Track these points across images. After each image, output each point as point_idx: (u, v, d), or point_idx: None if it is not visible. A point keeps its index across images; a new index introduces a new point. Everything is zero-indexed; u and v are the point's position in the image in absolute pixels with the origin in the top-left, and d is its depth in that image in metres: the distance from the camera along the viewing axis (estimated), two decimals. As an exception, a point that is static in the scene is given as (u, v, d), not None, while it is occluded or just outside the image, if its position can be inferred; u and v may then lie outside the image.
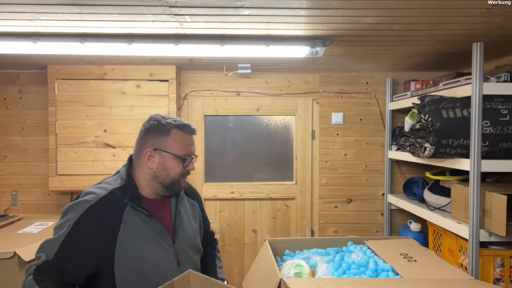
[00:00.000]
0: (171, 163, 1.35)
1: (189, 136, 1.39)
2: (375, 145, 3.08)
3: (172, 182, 1.37)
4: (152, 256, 1.30)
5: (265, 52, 2.16)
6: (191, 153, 1.38)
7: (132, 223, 1.29)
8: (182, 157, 1.35)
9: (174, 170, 1.36)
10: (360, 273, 1.28)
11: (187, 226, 1.44)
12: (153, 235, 1.32)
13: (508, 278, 1.87)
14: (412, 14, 1.68)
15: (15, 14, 1.71)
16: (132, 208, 1.30)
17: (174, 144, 1.35)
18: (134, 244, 1.28)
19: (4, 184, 2.98)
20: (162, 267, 1.31)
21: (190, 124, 1.41)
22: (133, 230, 1.29)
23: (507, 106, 1.91)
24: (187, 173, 1.40)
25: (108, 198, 1.29)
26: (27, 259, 1.78)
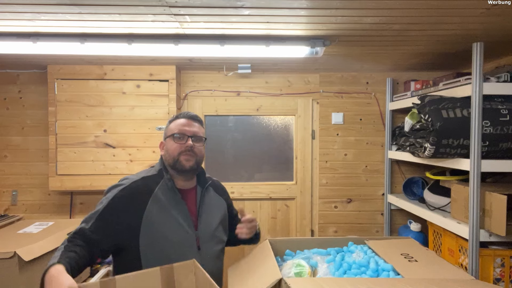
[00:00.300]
0: (169, 144, 1.55)
1: (183, 119, 1.57)
2: (375, 145, 3.08)
3: (173, 160, 1.52)
4: (174, 236, 1.44)
5: (265, 52, 2.16)
6: (183, 131, 1.53)
7: (160, 202, 1.46)
8: (174, 135, 1.53)
9: (171, 148, 1.53)
10: (361, 273, 1.28)
11: (209, 217, 1.57)
12: (177, 216, 1.47)
13: (508, 278, 1.88)
14: (412, 14, 1.68)
15: (15, 14, 1.71)
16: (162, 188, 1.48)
17: (171, 128, 1.57)
18: (158, 221, 1.44)
19: (4, 184, 2.98)
20: (183, 248, 1.45)
21: (188, 111, 1.61)
22: (159, 209, 1.45)
23: (507, 106, 1.91)
24: (186, 150, 1.51)
25: (139, 183, 1.50)
26: (27, 259, 1.77)
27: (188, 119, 1.58)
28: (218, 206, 1.65)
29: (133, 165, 2.81)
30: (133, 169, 2.81)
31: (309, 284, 1.14)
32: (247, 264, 1.47)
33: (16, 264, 1.76)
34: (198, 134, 1.57)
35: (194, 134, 1.55)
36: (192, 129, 1.56)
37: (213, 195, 1.66)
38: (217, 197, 1.67)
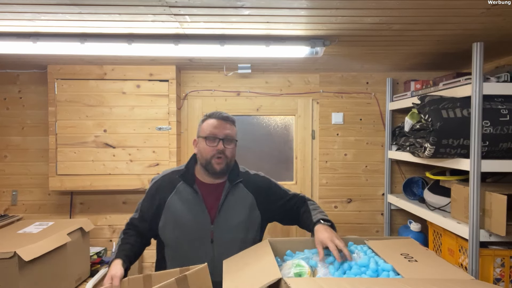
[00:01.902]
0: (201, 145, 1.63)
1: (216, 120, 1.63)
2: (375, 145, 3.08)
3: (206, 162, 1.61)
4: (188, 226, 1.59)
5: (265, 52, 2.16)
6: (215, 134, 1.60)
7: (181, 195, 1.62)
8: (205, 137, 1.60)
9: (204, 150, 1.62)
10: (361, 273, 1.28)
11: (231, 214, 1.63)
12: (194, 210, 1.60)
13: (508, 278, 1.88)
14: (412, 14, 1.69)
15: (15, 14, 1.71)
16: (184, 184, 1.63)
17: (203, 128, 1.64)
18: (177, 211, 1.60)
19: (4, 184, 2.98)
20: (195, 239, 1.58)
21: (221, 112, 1.66)
22: (180, 200, 1.61)
23: (507, 106, 1.91)
24: (218, 153, 1.59)
25: (168, 176, 1.69)
26: (27, 259, 1.77)
27: (220, 120, 1.62)
28: (244, 204, 1.66)
29: (133, 165, 2.81)
30: (133, 169, 2.81)
31: (309, 284, 1.14)
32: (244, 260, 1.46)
33: (16, 264, 1.75)
34: (229, 136, 1.62)
35: (225, 136, 1.61)
36: (224, 131, 1.61)
37: (241, 191, 1.68)
38: (246, 194, 1.68)
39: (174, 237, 1.61)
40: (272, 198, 1.75)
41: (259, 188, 1.73)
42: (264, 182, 1.77)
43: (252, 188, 1.71)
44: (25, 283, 1.80)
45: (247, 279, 1.26)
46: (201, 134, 1.64)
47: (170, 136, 2.83)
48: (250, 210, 1.68)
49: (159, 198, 1.65)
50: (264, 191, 1.74)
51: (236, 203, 1.65)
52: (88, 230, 2.36)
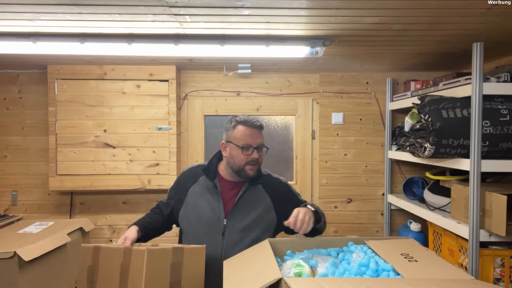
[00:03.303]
0: (235, 152, 1.67)
1: (250, 129, 1.66)
2: (375, 145, 3.08)
3: (238, 168, 1.67)
4: (204, 216, 1.67)
5: (265, 52, 2.16)
6: (251, 144, 1.65)
7: (201, 188, 1.72)
8: (241, 146, 1.65)
9: (238, 157, 1.66)
10: (361, 273, 1.27)
11: (245, 211, 1.68)
12: (211, 202, 1.68)
13: (508, 278, 1.88)
14: (412, 14, 1.68)
15: (15, 14, 1.71)
16: (205, 177, 1.72)
17: (237, 136, 1.66)
18: (196, 201, 1.70)
19: (4, 184, 2.98)
20: (208, 230, 1.66)
21: (254, 119, 1.69)
22: (200, 192, 1.71)
23: (507, 106, 1.91)
24: (251, 161, 1.65)
25: (194, 168, 1.80)
26: (27, 259, 1.77)
27: (255, 129, 1.68)
28: (260, 203, 1.71)
29: (133, 165, 2.81)
30: (133, 169, 2.81)
31: (309, 284, 1.14)
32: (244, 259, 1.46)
33: (16, 264, 1.76)
34: (262, 144, 1.70)
35: (259, 145, 1.68)
36: (258, 140, 1.68)
37: (259, 191, 1.73)
38: (263, 194, 1.73)
39: (190, 224, 1.69)
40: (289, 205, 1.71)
41: (278, 193, 1.76)
42: (285, 187, 1.81)
43: (271, 191, 1.75)
44: (25, 283, 1.80)
45: (247, 279, 1.26)
46: (234, 142, 1.67)
47: (170, 136, 2.83)
48: (265, 212, 1.71)
49: (183, 188, 1.75)
50: (283, 196, 1.76)
51: (252, 202, 1.70)
52: (88, 230, 2.37)
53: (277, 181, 1.81)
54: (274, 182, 1.80)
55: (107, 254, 1.41)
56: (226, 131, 1.72)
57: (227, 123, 1.74)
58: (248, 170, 1.67)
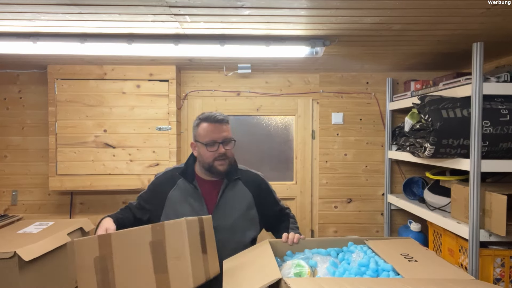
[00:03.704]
0: (202, 150, 1.66)
1: (212, 125, 1.65)
2: (375, 145, 3.08)
3: (208, 165, 1.66)
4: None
5: (265, 52, 2.16)
6: (215, 139, 1.63)
7: (181, 191, 1.68)
8: (206, 144, 1.63)
9: (205, 155, 1.65)
10: (361, 273, 1.28)
11: (229, 209, 1.67)
12: (193, 205, 1.66)
13: (508, 278, 1.88)
14: (412, 14, 1.68)
15: (15, 14, 1.71)
16: (184, 180, 1.69)
17: (201, 133, 1.66)
18: (177, 205, 1.66)
19: (4, 184, 2.98)
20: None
21: (216, 114, 1.67)
22: (180, 195, 1.67)
23: (507, 106, 1.91)
24: (219, 156, 1.64)
25: (171, 172, 1.76)
26: (27, 259, 1.77)
27: (217, 124, 1.65)
28: (242, 199, 1.71)
29: (133, 165, 2.81)
30: (133, 169, 2.81)
31: (309, 284, 1.14)
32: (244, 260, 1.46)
33: (16, 264, 1.76)
34: (227, 137, 1.66)
35: (224, 139, 1.65)
36: (222, 134, 1.65)
37: (239, 187, 1.73)
38: (243, 190, 1.73)
39: None
40: (268, 201, 1.80)
41: (258, 188, 1.78)
42: (264, 184, 1.83)
43: (252, 186, 1.75)
44: (25, 283, 1.80)
45: (247, 279, 1.26)
46: (199, 140, 1.67)
47: (170, 136, 2.83)
48: (248, 207, 1.72)
49: (161, 192, 1.70)
50: (263, 191, 1.79)
51: (234, 198, 1.70)
52: (88, 230, 2.37)
53: (256, 176, 1.82)
54: (253, 177, 1.80)
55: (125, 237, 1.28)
56: (193, 130, 1.72)
57: (194, 121, 1.73)
58: (218, 166, 1.65)
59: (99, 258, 1.27)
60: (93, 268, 1.27)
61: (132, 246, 1.28)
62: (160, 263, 1.25)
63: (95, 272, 1.27)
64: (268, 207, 1.80)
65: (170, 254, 1.25)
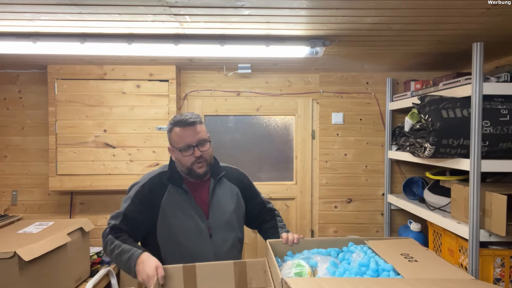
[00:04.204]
0: (178, 155, 1.62)
1: (184, 129, 1.59)
2: (375, 145, 3.08)
3: (187, 169, 1.62)
4: (186, 226, 1.59)
5: (265, 52, 2.16)
6: (189, 143, 1.58)
7: (173, 197, 1.62)
8: (180, 149, 1.59)
9: (182, 160, 1.61)
10: (361, 273, 1.28)
11: (222, 206, 1.67)
12: (188, 209, 1.61)
13: (508, 278, 1.88)
14: (412, 14, 1.69)
15: (15, 14, 1.71)
16: (173, 186, 1.63)
17: (174, 139, 1.62)
18: (172, 213, 1.60)
19: (4, 184, 2.98)
20: (194, 237, 1.59)
21: (186, 117, 1.60)
22: (173, 202, 1.61)
23: (507, 106, 1.91)
24: (197, 160, 1.59)
25: (155, 178, 1.66)
26: (27, 259, 1.77)
27: (188, 127, 1.59)
28: (231, 195, 1.73)
29: (133, 165, 2.81)
30: (133, 169, 2.81)
31: (309, 284, 1.14)
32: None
33: (16, 264, 1.75)
34: (202, 139, 1.61)
35: (198, 141, 1.60)
36: (196, 136, 1.59)
37: (226, 184, 1.73)
38: (230, 185, 1.74)
39: (173, 237, 1.59)
40: (249, 193, 1.82)
41: (240, 181, 1.80)
42: (244, 176, 1.85)
43: (234, 180, 1.78)
44: (25, 283, 1.80)
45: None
46: (174, 145, 1.62)
47: (170, 136, 2.83)
48: (238, 202, 1.74)
49: (151, 202, 1.61)
50: (246, 185, 1.82)
51: (224, 195, 1.71)
52: (88, 230, 2.36)
53: (238, 172, 1.84)
54: (235, 172, 1.82)
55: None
56: (167, 135, 1.66)
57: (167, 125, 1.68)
58: (197, 169, 1.61)
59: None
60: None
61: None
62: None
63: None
64: (251, 200, 1.81)
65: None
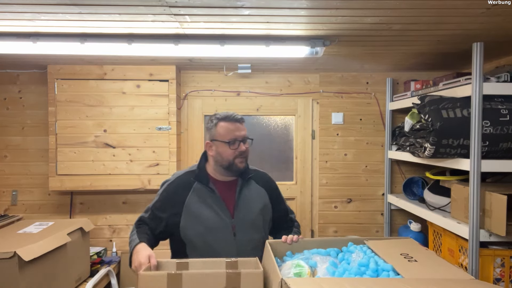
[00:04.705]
0: (222, 148, 1.67)
1: (232, 124, 1.68)
2: (375, 145, 3.08)
3: (228, 163, 1.68)
4: (210, 222, 1.64)
5: (265, 52, 2.16)
6: (236, 137, 1.67)
7: (198, 195, 1.68)
8: (227, 141, 1.66)
9: (225, 153, 1.67)
10: (361, 273, 1.27)
11: (248, 206, 1.71)
12: (213, 206, 1.67)
13: (508, 278, 1.88)
14: (412, 14, 1.68)
15: (15, 14, 1.71)
16: (199, 184, 1.69)
17: (221, 132, 1.68)
18: (197, 209, 1.66)
19: (4, 184, 2.98)
20: (219, 234, 1.64)
21: (234, 114, 1.71)
22: (198, 199, 1.67)
23: (507, 106, 1.91)
24: (240, 154, 1.67)
25: (182, 177, 1.74)
26: (27, 259, 1.77)
27: (237, 123, 1.69)
28: (258, 196, 1.76)
29: (133, 165, 2.81)
30: (133, 169, 2.81)
31: (309, 284, 1.14)
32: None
33: (16, 264, 1.75)
34: (246, 137, 1.71)
35: (243, 137, 1.69)
36: (242, 133, 1.70)
37: (253, 186, 1.77)
38: (258, 188, 1.78)
39: (198, 234, 1.64)
40: (275, 198, 1.84)
41: (268, 185, 1.83)
42: (272, 181, 1.89)
43: (264, 184, 1.81)
44: (25, 283, 1.80)
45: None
46: (219, 138, 1.68)
47: (170, 136, 2.83)
48: (264, 205, 1.77)
49: (176, 199, 1.68)
50: (274, 189, 1.85)
51: (251, 196, 1.74)
52: (88, 230, 2.37)
53: (266, 175, 1.88)
54: (264, 176, 1.86)
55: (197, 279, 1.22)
56: (209, 130, 1.73)
57: (207, 122, 1.75)
58: (238, 163, 1.68)
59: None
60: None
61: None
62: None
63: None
64: (276, 205, 1.83)
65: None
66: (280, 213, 1.85)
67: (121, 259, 2.87)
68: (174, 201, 1.68)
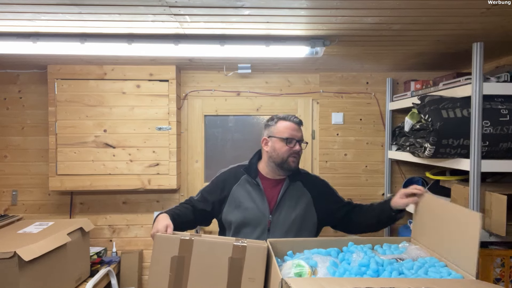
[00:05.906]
0: (278, 145, 1.76)
1: (292, 124, 1.79)
2: (375, 145, 3.08)
3: (281, 160, 1.76)
4: (248, 213, 1.74)
5: (265, 52, 2.16)
6: (294, 136, 1.76)
7: (243, 186, 1.80)
8: (285, 138, 1.75)
9: (281, 150, 1.75)
10: (361, 273, 1.27)
11: (289, 207, 1.77)
12: (256, 199, 1.76)
13: (508, 278, 1.88)
14: (412, 14, 1.69)
15: (15, 14, 1.71)
16: (248, 176, 1.80)
17: (280, 130, 1.78)
18: (240, 198, 1.77)
19: (4, 184, 2.98)
20: (254, 226, 1.73)
21: (294, 116, 1.82)
22: (242, 190, 1.79)
23: (507, 106, 1.91)
24: (294, 153, 1.75)
25: (235, 169, 1.87)
26: (27, 259, 1.77)
27: (296, 124, 1.80)
28: (301, 199, 1.80)
29: (133, 165, 2.81)
30: (133, 169, 2.81)
31: (310, 284, 1.14)
32: None
33: (16, 264, 1.75)
34: (302, 139, 1.81)
35: (300, 138, 1.79)
36: (299, 133, 1.80)
37: (299, 189, 1.82)
38: (303, 191, 1.82)
39: (236, 220, 1.74)
40: (329, 199, 1.87)
41: (317, 189, 1.86)
42: (323, 184, 1.93)
43: (311, 187, 1.84)
44: (25, 283, 1.80)
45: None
46: (278, 135, 1.77)
47: (170, 136, 2.83)
48: (307, 208, 1.80)
49: (224, 186, 1.81)
50: (322, 192, 1.87)
51: (294, 198, 1.79)
52: (88, 230, 2.37)
53: (316, 178, 1.93)
54: (313, 179, 1.91)
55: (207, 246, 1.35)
56: (268, 127, 1.82)
57: (268, 121, 1.85)
58: (291, 162, 1.76)
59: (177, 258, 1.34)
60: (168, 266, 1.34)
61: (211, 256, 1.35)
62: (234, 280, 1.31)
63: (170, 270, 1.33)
64: (332, 204, 1.86)
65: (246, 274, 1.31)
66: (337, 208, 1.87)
67: (121, 259, 2.86)
68: (223, 187, 1.81)
